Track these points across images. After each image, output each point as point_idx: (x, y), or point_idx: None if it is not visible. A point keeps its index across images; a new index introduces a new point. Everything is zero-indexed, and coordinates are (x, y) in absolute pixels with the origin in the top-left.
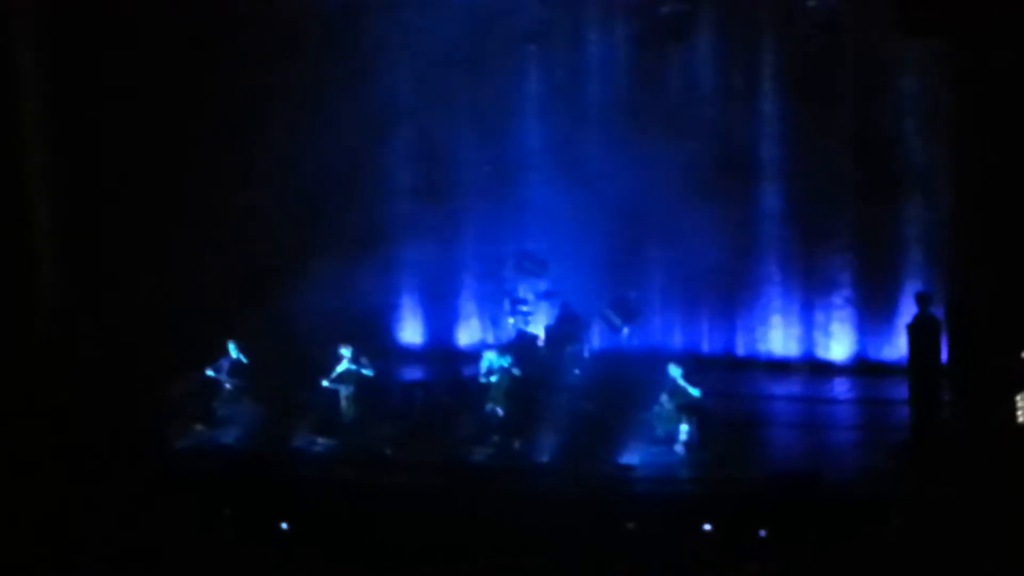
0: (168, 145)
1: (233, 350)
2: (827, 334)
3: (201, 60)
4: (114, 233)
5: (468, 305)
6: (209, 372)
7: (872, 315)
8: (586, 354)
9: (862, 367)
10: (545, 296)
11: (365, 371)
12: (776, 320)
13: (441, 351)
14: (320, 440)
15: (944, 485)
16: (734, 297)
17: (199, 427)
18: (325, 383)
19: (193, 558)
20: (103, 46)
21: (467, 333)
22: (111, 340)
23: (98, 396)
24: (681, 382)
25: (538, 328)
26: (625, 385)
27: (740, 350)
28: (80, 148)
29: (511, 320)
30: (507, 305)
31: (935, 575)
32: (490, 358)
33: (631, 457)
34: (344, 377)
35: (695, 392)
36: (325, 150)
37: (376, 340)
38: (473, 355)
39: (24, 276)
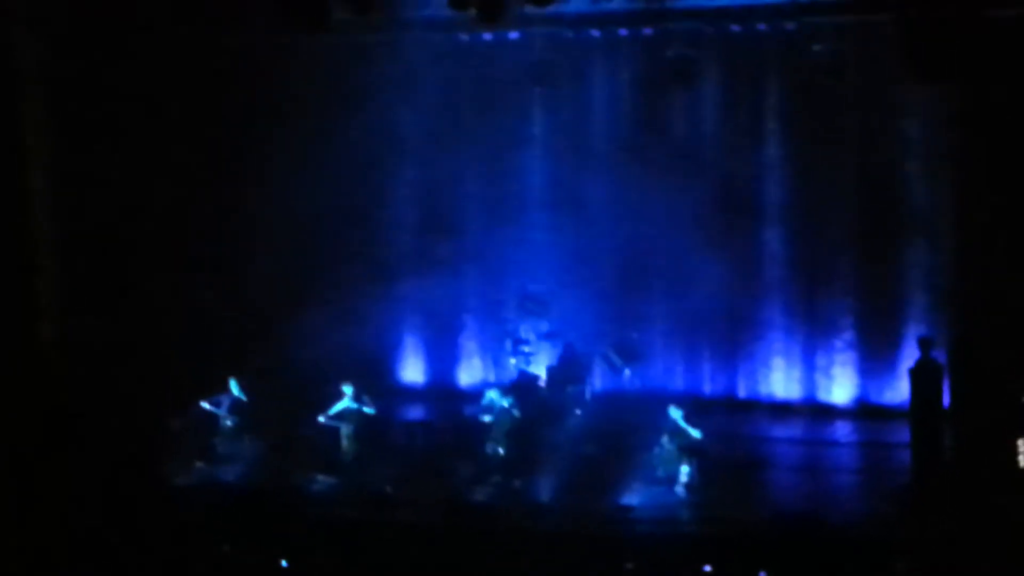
0: (171, 180)
1: (234, 387)
2: (829, 377)
3: (206, 98)
4: (117, 267)
5: (470, 345)
6: (210, 408)
7: (874, 358)
8: (587, 395)
9: (864, 410)
10: (547, 337)
11: (366, 409)
12: (778, 362)
13: (442, 390)
14: (320, 478)
15: (946, 529)
16: (736, 339)
17: (199, 464)
18: (322, 419)
19: None
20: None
21: (469, 373)
22: (111, 375)
23: (97, 431)
24: (682, 423)
25: (540, 368)
26: (626, 426)
27: (741, 392)
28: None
29: (513, 360)
30: (509, 345)
31: None
32: (492, 397)
33: (631, 498)
34: (345, 415)
35: (696, 433)
36: (329, 188)
37: (378, 379)
38: (475, 395)
39: (24, 305)
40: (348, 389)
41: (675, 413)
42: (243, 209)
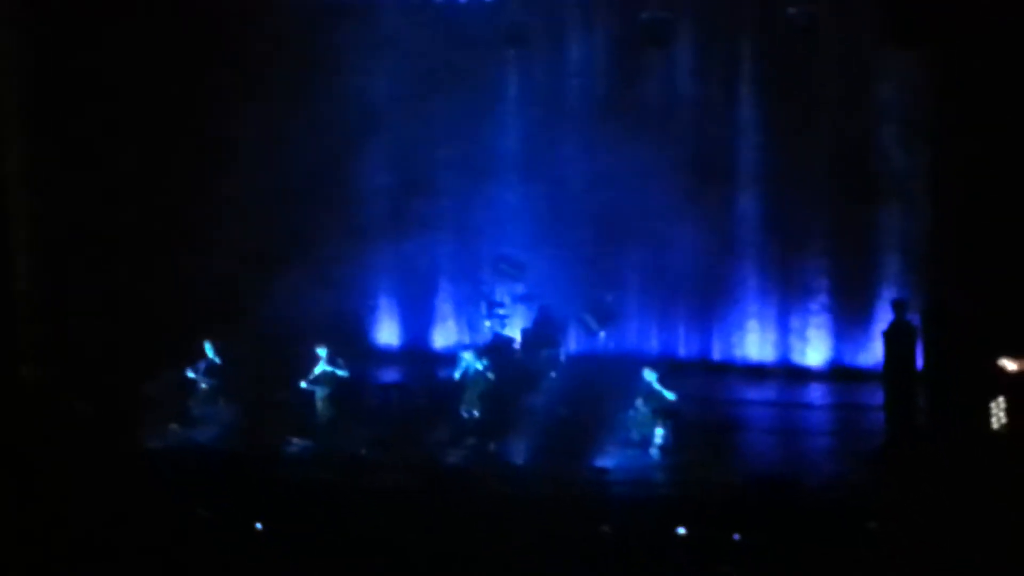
0: (146, 146)
1: (209, 350)
2: (803, 339)
3: (182, 61)
4: (91, 232)
5: (445, 307)
6: (185, 372)
7: (848, 321)
8: (562, 357)
9: (838, 373)
10: (522, 299)
11: (341, 372)
12: (752, 325)
13: (417, 353)
14: (295, 441)
15: (919, 492)
16: (711, 302)
17: (174, 427)
18: (303, 384)
19: (167, 558)
20: (84, 45)
21: (443, 335)
22: (86, 338)
23: (73, 395)
24: (656, 386)
25: (515, 331)
26: (601, 389)
27: (716, 355)
28: (59, 147)
29: (487, 323)
30: (484, 308)
31: None
32: (467, 359)
33: (606, 460)
34: (320, 378)
35: (671, 396)
36: (303, 152)
37: (352, 341)
38: (449, 357)
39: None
40: (323, 351)
41: (650, 376)
42: (218, 173)
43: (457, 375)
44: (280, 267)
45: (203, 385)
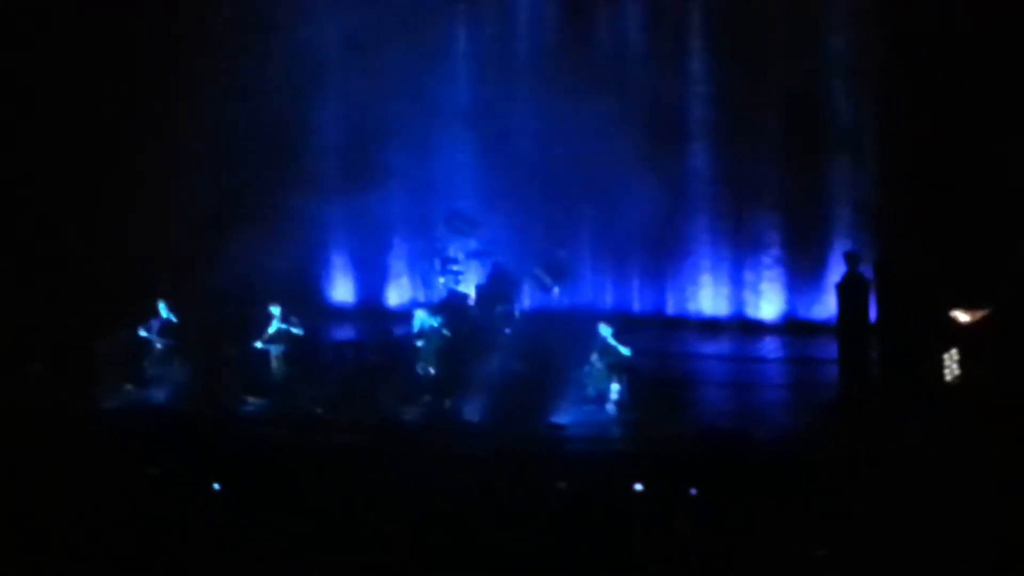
0: (93, 102)
1: (163, 309)
2: (756, 293)
3: (127, 17)
4: (41, 191)
5: (398, 264)
6: (140, 331)
7: (801, 274)
8: (517, 314)
9: (791, 326)
10: (475, 255)
11: (295, 330)
12: (706, 279)
13: (371, 310)
14: (250, 400)
15: (873, 444)
16: (664, 256)
17: (128, 386)
18: (258, 344)
19: (122, 517)
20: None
21: (397, 292)
22: (39, 298)
23: (26, 354)
24: (611, 341)
25: (469, 287)
26: (556, 344)
27: (670, 309)
28: (7, 104)
29: (441, 279)
30: (437, 264)
31: (862, 532)
32: (421, 317)
33: (562, 416)
34: (275, 337)
35: (626, 351)
36: (251, 108)
37: (306, 299)
38: (404, 314)
39: None
40: (276, 310)
41: (605, 331)
42: (167, 133)
43: (414, 332)
44: (232, 224)
45: (157, 345)
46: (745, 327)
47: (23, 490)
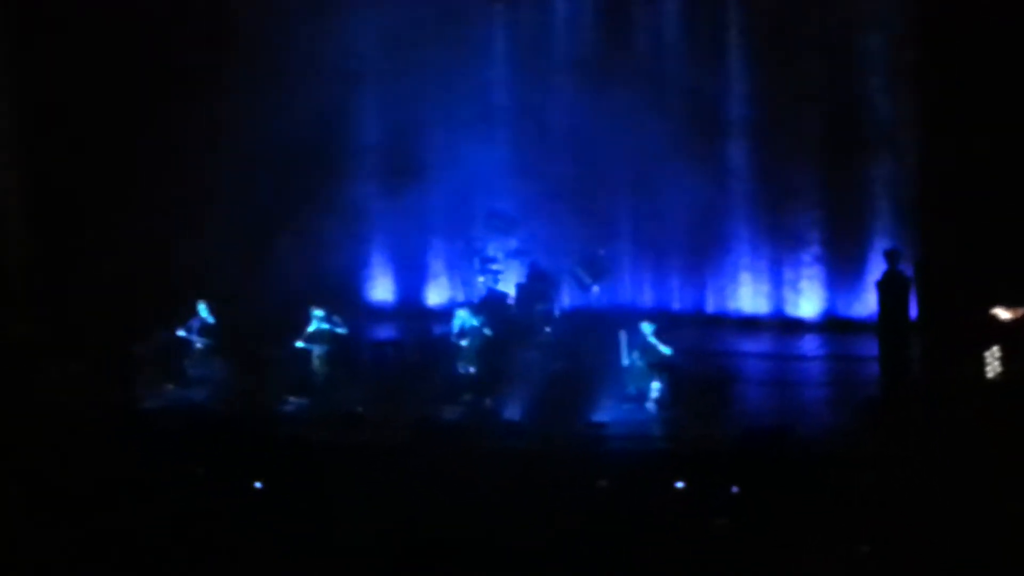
0: (138, 102)
1: (203, 310)
2: (796, 291)
3: (165, 26)
4: (85, 193)
5: (438, 264)
6: (179, 331)
7: (841, 272)
8: (556, 312)
9: (831, 324)
10: (515, 254)
11: (339, 330)
12: (746, 277)
13: (411, 310)
14: (292, 399)
15: (914, 442)
16: (704, 254)
17: (170, 386)
18: (299, 344)
19: (164, 517)
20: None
21: (437, 292)
22: (81, 298)
23: (67, 355)
24: (652, 339)
25: (508, 286)
26: (595, 343)
27: (710, 307)
28: (49, 116)
29: (481, 279)
30: (477, 263)
31: (903, 531)
32: (462, 316)
33: (602, 415)
34: (317, 336)
35: (666, 350)
36: (294, 109)
37: (347, 299)
38: (443, 314)
39: None
40: (319, 312)
41: (646, 328)
42: (208, 135)
43: (454, 331)
44: (272, 225)
45: (198, 345)
46: (785, 325)
47: (66, 491)
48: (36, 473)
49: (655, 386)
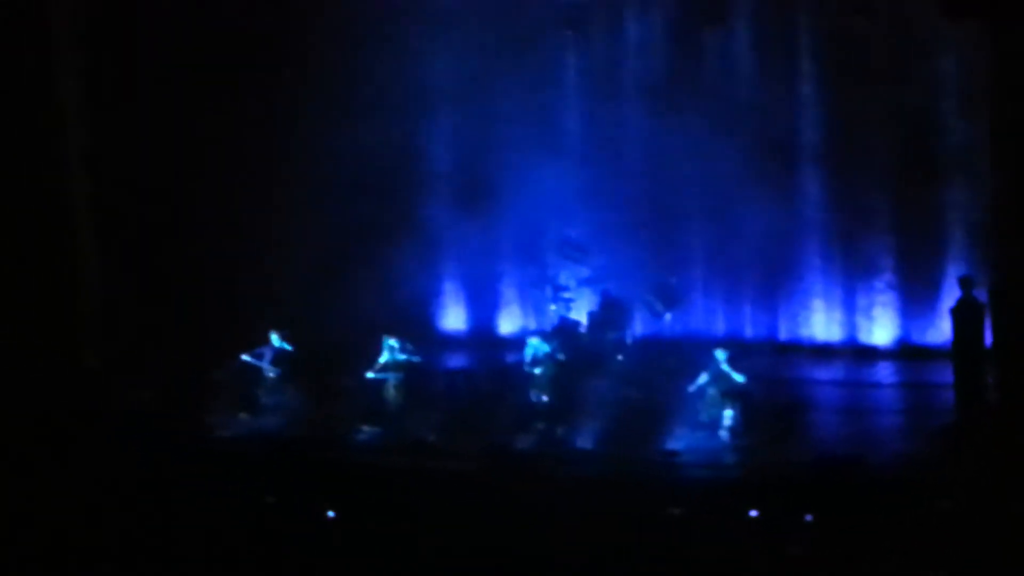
0: (212, 130)
1: (275, 339)
2: (869, 318)
3: (241, 49)
4: (157, 221)
5: (510, 292)
6: (251, 360)
7: (915, 299)
8: (628, 340)
9: (905, 351)
10: (587, 282)
11: (413, 358)
12: (818, 304)
13: (483, 338)
14: (364, 427)
15: (990, 469)
16: (776, 282)
17: (243, 415)
18: (371, 374)
19: (238, 545)
20: (140, 34)
21: (509, 320)
22: (150, 328)
23: (141, 382)
24: (725, 367)
25: (580, 314)
26: (668, 371)
27: (783, 335)
28: (123, 140)
29: (553, 307)
30: (549, 291)
31: (978, 559)
32: (535, 344)
33: (675, 443)
34: (390, 365)
35: (739, 377)
36: (365, 137)
37: (419, 327)
38: (515, 342)
39: (66, 263)
40: (392, 342)
41: (720, 356)
42: (281, 163)
43: (527, 359)
44: (346, 255)
45: (270, 373)
46: (858, 352)
47: (139, 519)
48: (112, 501)
49: (728, 414)
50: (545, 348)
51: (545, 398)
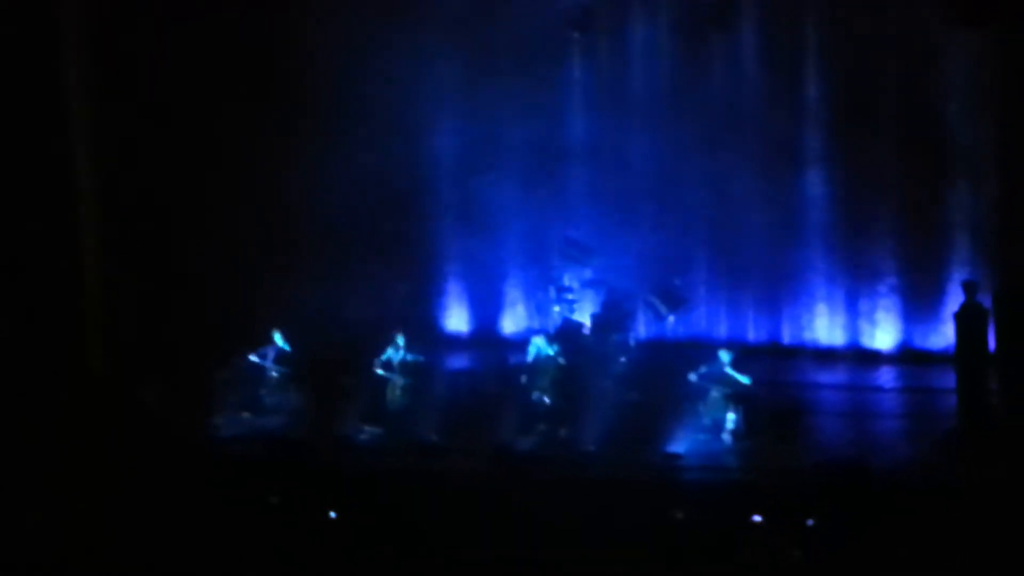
0: (220, 133)
1: (278, 339)
2: (872, 322)
3: (246, 52)
4: (164, 222)
5: (513, 293)
6: (254, 359)
7: (918, 303)
8: (632, 342)
9: (908, 355)
10: (590, 284)
11: (417, 358)
12: (822, 308)
13: (487, 338)
14: (367, 428)
15: (992, 475)
16: (780, 285)
17: (246, 415)
18: (378, 371)
19: (240, 545)
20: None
21: (512, 321)
22: (155, 327)
23: (142, 383)
24: (729, 370)
25: (583, 316)
26: (671, 373)
27: (786, 338)
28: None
29: (556, 308)
30: (552, 293)
31: (979, 563)
32: (538, 344)
33: (678, 446)
34: (394, 365)
35: (745, 380)
36: (370, 135)
37: (422, 328)
38: (519, 343)
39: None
40: (400, 339)
41: (724, 358)
42: (287, 168)
43: (529, 360)
44: (349, 255)
45: (273, 373)
46: (861, 356)
47: (141, 519)
48: (115, 502)
49: (731, 417)
50: (548, 349)
51: (547, 400)
